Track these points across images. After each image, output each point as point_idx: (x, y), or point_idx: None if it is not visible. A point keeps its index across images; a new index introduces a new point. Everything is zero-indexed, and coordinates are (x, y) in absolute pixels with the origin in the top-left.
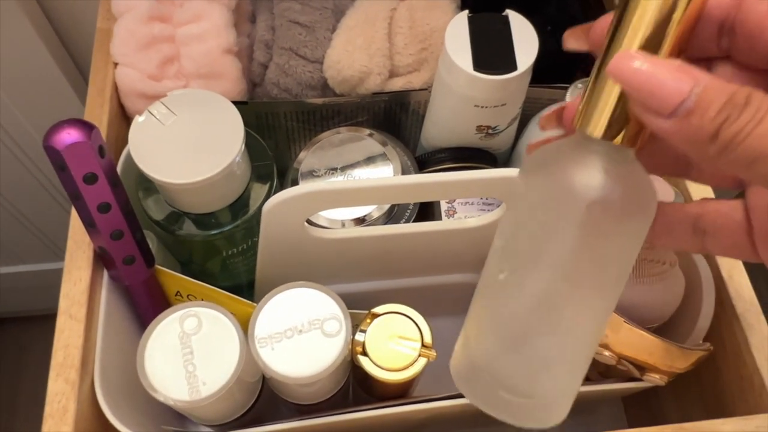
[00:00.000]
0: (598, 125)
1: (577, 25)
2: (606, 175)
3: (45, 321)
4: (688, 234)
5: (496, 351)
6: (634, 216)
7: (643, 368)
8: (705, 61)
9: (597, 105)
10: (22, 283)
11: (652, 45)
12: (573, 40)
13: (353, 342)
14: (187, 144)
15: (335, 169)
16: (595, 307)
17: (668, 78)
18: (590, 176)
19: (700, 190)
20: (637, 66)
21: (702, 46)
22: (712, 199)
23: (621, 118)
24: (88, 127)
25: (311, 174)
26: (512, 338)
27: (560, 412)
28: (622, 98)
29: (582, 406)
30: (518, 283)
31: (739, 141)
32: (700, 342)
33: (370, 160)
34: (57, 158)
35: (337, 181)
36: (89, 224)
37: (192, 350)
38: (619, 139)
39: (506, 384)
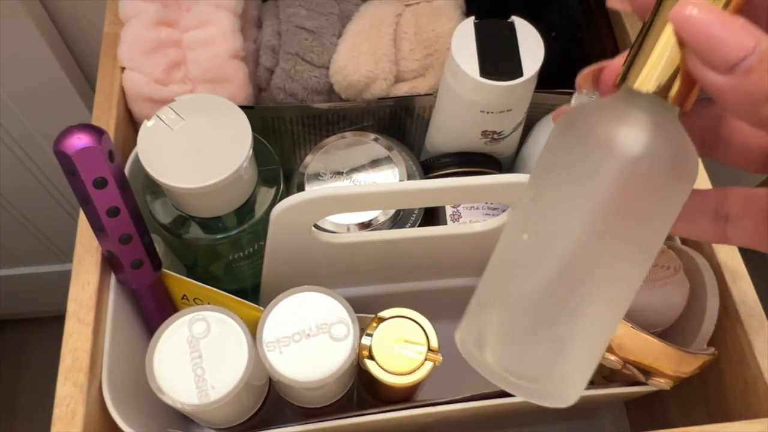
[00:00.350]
0: (649, 79)
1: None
2: (656, 131)
3: (46, 323)
4: (708, 219)
5: (510, 324)
6: (679, 182)
7: (648, 372)
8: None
9: (648, 58)
10: (23, 286)
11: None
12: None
13: (360, 346)
14: (195, 149)
15: (341, 174)
16: (626, 276)
17: (732, 32)
18: (637, 131)
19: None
20: (702, 15)
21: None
22: (736, 186)
23: (672, 73)
24: (98, 132)
25: (317, 178)
26: (530, 310)
27: (573, 392)
28: (676, 51)
29: (584, 409)
30: (542, 247)
31: None
32: (705, 346)
33: (375, 164)
34: (67, 163)
35: (345, 186)
36: (98, 228)
37: (201, 354)
38: (669, 95)
39: (517, 361)
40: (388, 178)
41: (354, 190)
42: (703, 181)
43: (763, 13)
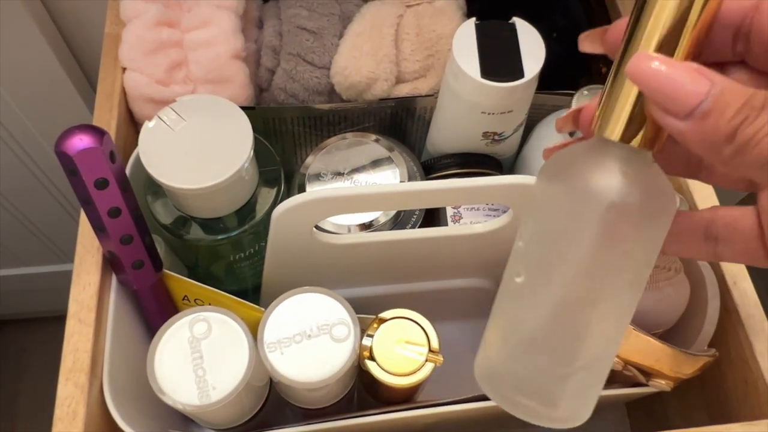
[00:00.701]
0: (616, 128)
1: (592, 29)
2: (625, 178)
3: (47, 324)
4: (699, 241)
5: (516, 356)
6: (654, 218)
7: (648, 374)
8: (719, 66)
9: (615, 107)
10: (24, 286)
11: (668, 47)
12: (588, 43)
13: (360, 347)
14: (196, 149)
15: (341, 174)
16: (615, 310)
17: (686, 79)
18: (609, 179)
19: (704, 197)
20: (655, 67)
21: (717, 50)
22: (722, 206)
23: (639, 120)
24: (99, 133)
25: (318, 179)
26: (531, 344)
27: (582, 414)
28: (640, 100)
29: None
30: (537, 287)
31: (756, 142)
32: (706, 348)
33: (376, 165)
34: (68, 163)
35: (346, 187)
36: (99, 229)
37: (201, 355)
38: (637, 141)
39: (527, 390)
40: (389, 179)
41: (355, 191)
42: (709, 193)
43: (729, 31)
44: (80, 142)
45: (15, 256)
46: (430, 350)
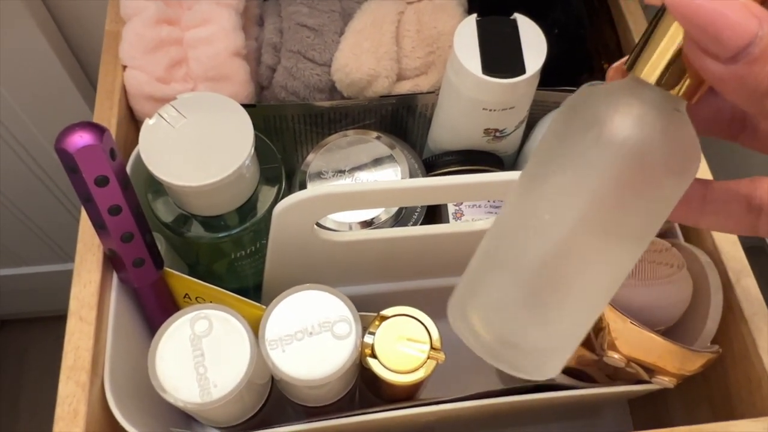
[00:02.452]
0: (654, 70)
1: None
2: (650, 122)
3: (48, 323)
4: (741, 212)
5: (499, 297)
6: (673, 173)
7: (652, 371)
8: None
9: (655, 48)
10: (25, 285)
11: None
12: None
13: (362, 344)
14: (196, 147)
15: (343, 172)
16: (614, 261)
17: (732, 16)
18: (633, 120)
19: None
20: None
21: None
22: (764, 176)
23: (680, 64)
24: (99, 130)
25: (319, 176)
26: (521, 282)
27: (551, 368)
28: (681, 41)
29: (588, 408)
30: (532, 223)
31: None
32: (709, 344)
33: (377, 162)
34: (69, 161)
35: (348, 184)
36: (100, 226)
37: (203, 352)
38: (675, 88)
39: (504, 335)
40: (390, 177)
41: (356, 188)
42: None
43: None
44: (80, 139)
45: (15, 255)
46: (432, 348)
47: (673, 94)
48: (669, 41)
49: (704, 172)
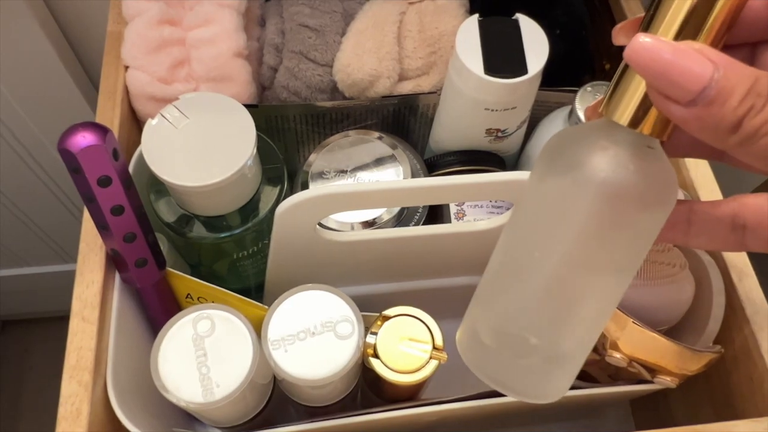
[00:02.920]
0: (624, 112)
1: (626, 20)
2: (625, 161)
3: (50, 323)
4: (726, 232)
5: (500, 333)
6: (652, 207)
7: (654, 370)
8: (750, 46)
9: (624, 92)
10: (26, 286)
11: (691, 29)
12: (623, 36)
13: (364, 344)
14: (199, 147)
15: (344, 172)
16: (603, 292)
17: (687, 62)
18: (608, 160)
19: (709, 192)
20: (652, 48)
21: (749, 26)
22: (746, 194)
23: (644, 107)
24: (102, 131)
25: (321, 176)
26: (513, 323)
27: (560, 389)
28: (647, 88)
29: (590, 408)
30: (524, 264)
31: (763, 134)
32: (711, 344)
33: (379, 162)
34: (71, 161)
35: (350, 184)
36: (102, 227)
37: (205, 352)
38: (645, 128)
39: (506, 368)
40: (392, 177)
41: (358, 188)
42: (713, 188)
43: (764, 9)
44: (83, 139)
45: (17, 256)
46: (434, 347)
47: (645, 133)
48: (636, 84)
49: (709, 180)
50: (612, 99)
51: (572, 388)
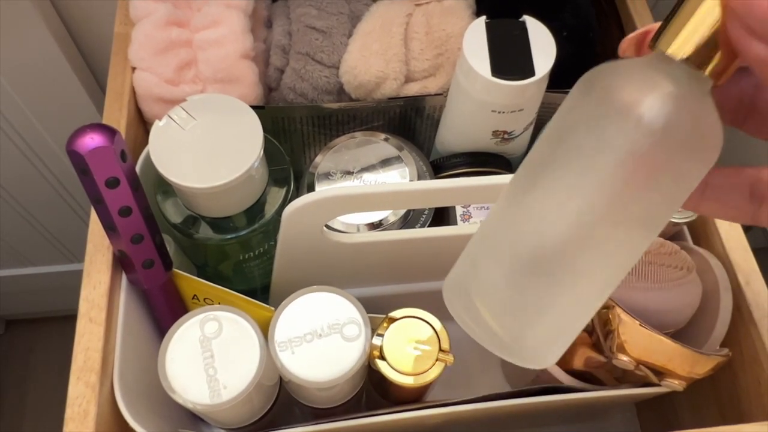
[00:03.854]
0: (683, 46)
1: (630, 34)
2: (674, 100)
3: (53, 323)
4: (742, 201)
5: (499, 279)
6: (696, 156)
7: (661, 374)
8: None
9: (685, 21)
10: (31, 286)
11: None
12: (632, 49)
13: (371, 346)
14: (206, 148)
15: (351, 173)
16: (625, 245)
17: None
18: (657, 99)
19: None
20: None
21: None
22: None
23: (709, 41)
24: (110, 132)
25: (327, 178)
26: (521, 267)
27: (548, 358)
28: (716, 15)
29: (595, 410)
30: (540, 200)
31: None
32: (718, 348)
33: (385, 164)
34: (80, 162)
35: (358, 186)
36: (110, 228)
37: (212, 354)
38: (703, 66)
39: (498, 312)
40: (398, 178)
41: (366, 190)
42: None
43: None
44: (91, 141)
45: (22, 256)
46: (441, 350)
47: (700, 73)
48: (703, 16)
49: None
50: (668, 31)
51: (578, 390)
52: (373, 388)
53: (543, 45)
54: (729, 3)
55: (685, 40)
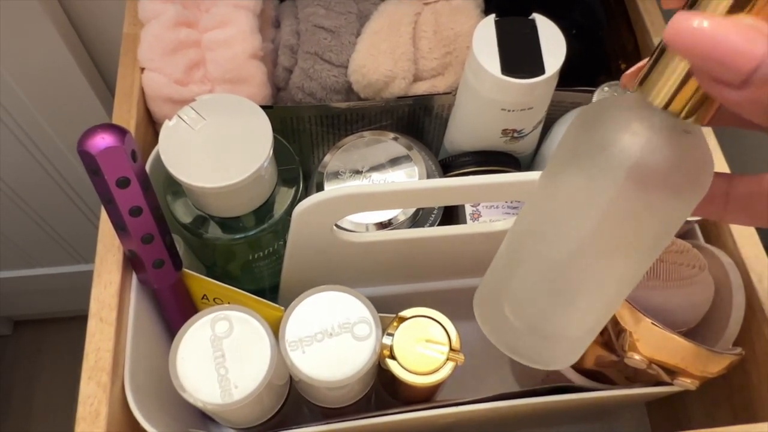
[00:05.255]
0: (660, 93)
1: (632, 67)
2: (657, 150)
3: (60, 324)
4: (766, 208)
5: (526, 290)
6: (680, 195)
7: (673, 372)
8: None
9: (662, 71)
10: (39, 286)
11: (740, 1)
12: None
13: (381, 346)
14: (216, 148)
15: (360, 173)
16: (624, 270)
17: (737, 40)
18: (640, 147)
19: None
20: (698, 27)
21: None
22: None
23: (683, 89)
24: (121, 132)
25: (336, 177)
26: (541, 281)
27: (568, 359)
28: (686, 65)
29: (605, 410)
30: (545, 236)
31: None
32: (731, 346)
33: (394, 163)
34: (91, 162)
35: (368, 184)
36: (120, 228)
37: (223, 353)
38: (682, 111)
39: (530, 323)
40: (407, 178)
41: (376, 189)
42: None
43: None
44: (102, 141)
45: (29, 256)
46: (452, 349)
47: (683, 118)
48: (676, 64)
49: (720, 164)
50: (648, 78)
51: (589, 390)
52: (383, 388)
53: (553, 43)
54: (687, 58)
55: (662, 86)
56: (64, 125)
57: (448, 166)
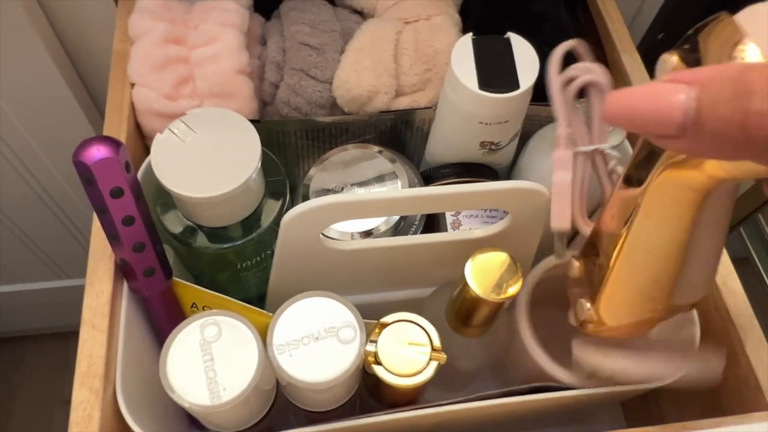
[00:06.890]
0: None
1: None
2: None
3: (39, 341)
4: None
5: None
6: None
7: None
8: None
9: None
10: (20, 302)
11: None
12: None
13: (365, 353)
14: (206, 160)
15: (344, 185)
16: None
17: (656, 97)
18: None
19: None
20: (623, 98)
21: None
22: None
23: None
24: (116, 144)
25: (321, 189)
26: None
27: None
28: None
29: (582, 411)
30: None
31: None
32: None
33: (378, 175)
34: (86, 173)
35: (354, 193)
36: (113, 237)
37: (212, 357)
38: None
39: None
40: (392, 188)
41: (362, 197)
42: None
43: None
44: (98, 152)
45: (11, 272)
46: (433, 349)
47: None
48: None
49: None
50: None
51: (566, 389)
52: (368, 393)
53: (527, 60)
54: (627, 128)
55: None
56: (52, 142)
57: (429, 177)
